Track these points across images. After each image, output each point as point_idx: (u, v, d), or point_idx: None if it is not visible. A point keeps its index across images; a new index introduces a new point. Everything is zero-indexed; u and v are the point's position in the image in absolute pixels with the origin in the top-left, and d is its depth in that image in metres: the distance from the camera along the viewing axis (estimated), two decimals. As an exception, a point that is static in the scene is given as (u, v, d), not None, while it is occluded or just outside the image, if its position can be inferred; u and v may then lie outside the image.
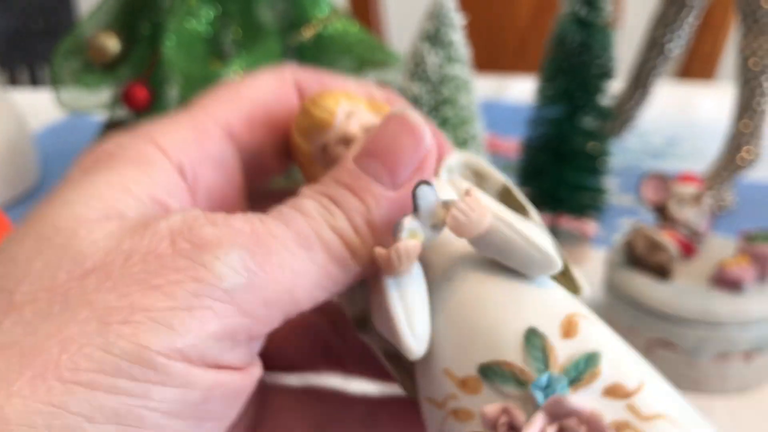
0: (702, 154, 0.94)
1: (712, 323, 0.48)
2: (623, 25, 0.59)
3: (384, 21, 1.44)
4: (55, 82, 0.63)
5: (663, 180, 0.54)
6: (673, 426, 0.19)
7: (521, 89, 1.20)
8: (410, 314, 0.21)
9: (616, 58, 0.63)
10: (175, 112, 0.26)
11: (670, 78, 1.10)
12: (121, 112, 0.68)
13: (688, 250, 0.52)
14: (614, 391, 0.20)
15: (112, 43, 0.60)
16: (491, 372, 0.20)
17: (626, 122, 0.88)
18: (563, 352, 0.21)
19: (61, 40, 0.63)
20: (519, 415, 0.19)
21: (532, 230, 0.22)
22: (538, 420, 0.19)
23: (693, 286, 0.49)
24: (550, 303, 0.22)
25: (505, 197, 0.27)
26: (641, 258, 0.51)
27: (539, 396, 0.19)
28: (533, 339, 0.21)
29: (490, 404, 0.20)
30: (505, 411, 0.20)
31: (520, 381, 0.20)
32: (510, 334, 0.21)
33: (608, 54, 0.61)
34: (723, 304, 0.48)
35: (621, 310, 0.51)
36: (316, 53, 0.65)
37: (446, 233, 0.21)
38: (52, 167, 0.88)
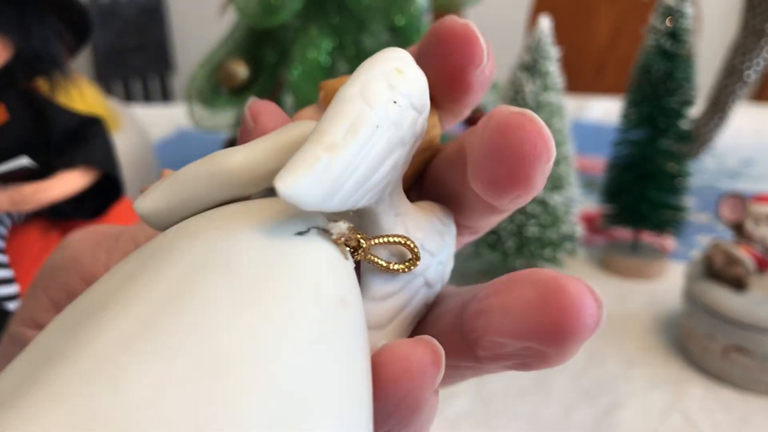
0: (777, 175, 0.98)
1: (786, 332, 0.53)
2: (699, 51, 0.64)
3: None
4: (189, 102, 0.71)
5: (740, 200, 0.59)
6: None
7: (600, 109, 1.25)
8: None
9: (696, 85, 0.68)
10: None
11: (745, 102, 1.14)
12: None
13: (763, 264, 0.57)
14: None
15: (241, 70, 0.69)
16: None
17: (704, 144, 0.92)
18: None
19: (198, 65, 0.71)
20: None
21: None
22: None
23: (767, 298, 0.54)
24: None
25: None
26: (719, 271, 0.56)
27: None
28: None
29: None
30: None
31: None
32: None
33: (690, 83, 0.66)
34: (797, 315, 0.53)
35: (699, 319, 0.56)
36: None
37: None
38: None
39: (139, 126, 0.92)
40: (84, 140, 0.51)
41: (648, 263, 0.71)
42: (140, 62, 2.48)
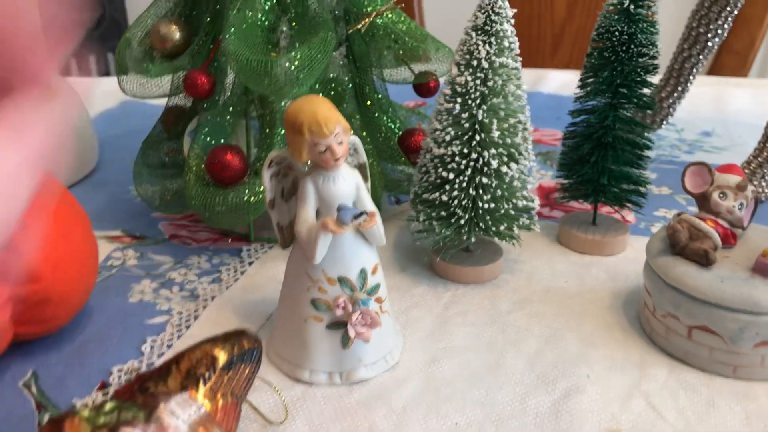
0: (736, 147, 0.95)
1: (753, 311, 0.49)
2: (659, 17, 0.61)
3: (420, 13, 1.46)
4: (119, 71, 0.65)
5: (706, 169, 0.55)
6: (390, 317, 0.53)
7: (557, 82, 1.22)
8: (324, 248, 0.48)
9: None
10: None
11: (702, 73, 1.11)
12: (180, 99, 0.70)
13: (730, 238, 0.54)
14: (378, 300, 0.51)
15: (173, 32, 0.63)
16: (342, 281, 0.50)
17: (665, 116, 0.89)
18: (370, 280, 0.51)
19: (128, 30, 0.65)
20: (348, 305, 0.49)
21: (381, 226, 0.50)
22: (356, 314, 0.49)
23: (734, 275, 0.51)
24: (372, 257, 0.51)
25: (362, 169, 0.52)
26: (684, 246, 0.53)
27: (360, 302, 0.50)
28: (362, 273, 0.50)
29: (337, 294, 0.49)
30: (344, 301, 0.49)
31: (352, 289, 0.50)
32: (355, 268, 0.50)
33: (654, 47, 0.62)
34: (764, 293, 0.50)
35: (662, 297, 0.53)
36: (367, 43, 0.67)
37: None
38: (109, 151, 0.91)
39: (78, 100, 0.85)
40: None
41: (607, 238, 0.68)
42: (95, 38, 2.38)
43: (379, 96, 0.70)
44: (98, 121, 1.03)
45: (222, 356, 0.38)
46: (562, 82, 1.20)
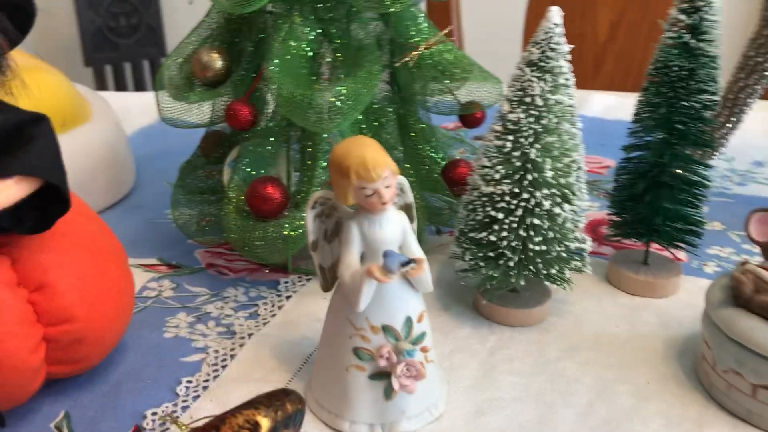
0: (792, 179, 0.92)
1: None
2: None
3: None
4: (158, 94, 0.64)
5: (771, 216, 0.52)
6: (435, 366, 0.50)
7: (600, 105, 1.18)
8: (368, 296, 0.46)
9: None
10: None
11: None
12: (219, 124, 0.69)
13: (797, 290, 0.51)
14: (423, 349, 0.49)
15: (216, 60, 0.61)
16: (387, 329, 0.47)
17: (717, 147, 0.86)
18: (416, 329, 0.48)
19: (167, 56, 0.64)
20: (392, 355, 0.47)
21: (429, 274, 0.48)
22: (401, 365, 0.46)
23: (802, 329, 0.48)
24: (418, 304, 0.49)
25: (408, 209, 0.51)
26: (748, 299, 0.50)
27: (405, 352, 0.47)
28: (407, 322, 0.48)
29: (381, 344, 0.47)
30: (388, 351, 0.47)
31: (396, 338, 0.47)
32: (400, 316, 0.47)
33: (715, 83, 0.59)
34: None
35: (724, 351, 0.50)
36: (412, 73, 0.65)
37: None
38: (145, 172, 0.90)
39: (112, 115, 0.85)
40: (23, 143, 0.44)
41: (659, 280, 0.65)
42: (131, 46, 2.39)
43: (423, 126, 0.68)
44: (135, 138, 1.02)
45: (265, 423, 0.36)
46: (606, 106, 1.17)
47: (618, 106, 1.16)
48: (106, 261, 0.51)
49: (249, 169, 0.62)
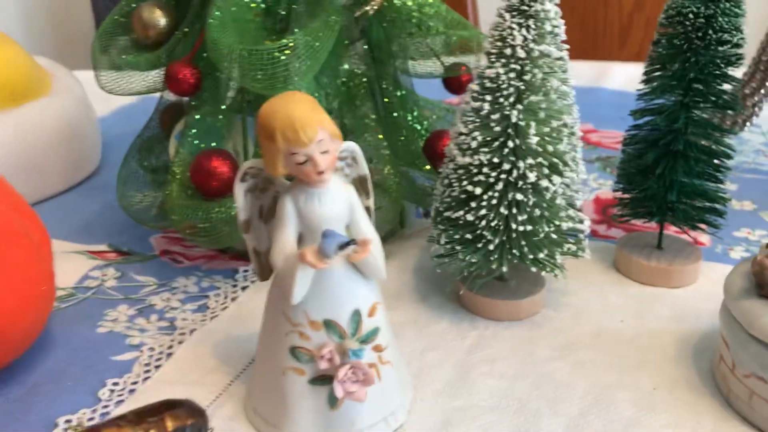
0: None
1: None
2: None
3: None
4: (95, 63, 0.56)
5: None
6: (394, 368, 0.42)
7: (623, 76, 1.09)
8: (303, 285, 0.38)
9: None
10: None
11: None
12: (174, 96, 0.61)
13: (837, 278, 0.41)
14: (376, 348, 0.40)
15: (157, 18, 0.54)
16: (329, 325, 0.39)
17: (749, 116, 0.76)
18: (366, 324, 0.40)
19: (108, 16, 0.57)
20: (335, 356, 0.39)
21: (381, 257, 0.40)
22: (345, 368, 0.39)
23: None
24: (369, 294, 0.40)
25: (362, 182, 0.42)
26: (775, 287, 0.41)
27: (350, 352, 0.39)
28: (355, 316, 0.40)
29: (322, 342, 0.39)
30: (330, 351, 0.39)
31: (341, 336, 0.39)
32: (345, 309, 0.39)
33: (739, 33, 0.50)
34: None
35: (745, 352, 0.41)
36: (386, 29, 0.56)
37: None
38: (117, 150, 0.83)
39: (78, 91, 0.78)
40: None
41: (675, 266, 0.55)
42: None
43: (402, 92, 0.59)
44: (111, 118, 0.95)
45: (132, 444, 0.28)
46: (629, 77, 1.07)
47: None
48: (9, 245, 0.43)
49: (197, 142, 0.54)
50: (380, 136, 0.56)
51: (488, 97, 0.46)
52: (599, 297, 0.55)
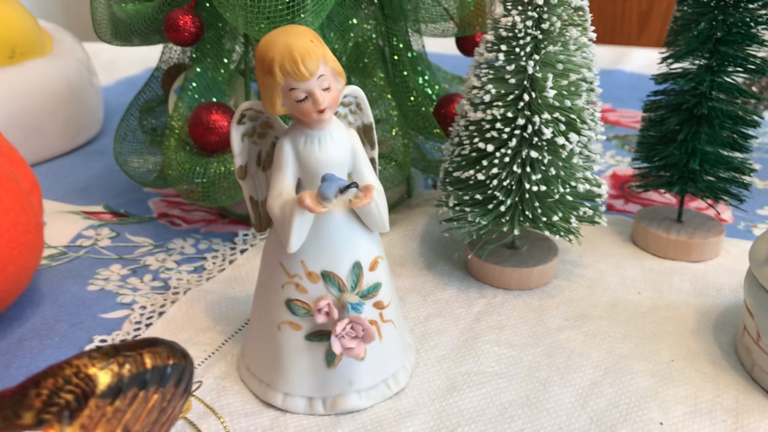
0: None
1: None
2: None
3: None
4: (93, 11, 0.54)
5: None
6: (396, 329, 0.40)
7: (642, 60, 1.06)
8: (301, 232, 0.36)
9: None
10: None
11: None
12: (178, 54, 0.59)
13: None
14: (377, 304, 0.38)
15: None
16: (327, 277, 0.37)
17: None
18: (366, 278, 0.38)
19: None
20: (333, 310, 0.37)
21: (385, 207, 0.38)
22: (344, 323, 0.36)
23: None
24: (370, 247, 0.38)
25: (367, 131, 0.40)
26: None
27: (350, 306, 0.36)
28: (356, 268, 0.38)
29: (320, 295, 0.37)
30: (327, 304, 0.36)
31: (340, 288, 0.37)
32: (345, 261, 0.37)
33: (771, -13, 0.47)
34: None
35: (773, 319, 0.38)
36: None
37: None
38: (116, 119, 0.81)
39: (79, 53, 0.76)
40: None
41: (695, 239, 0.53)
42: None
43: (414, 54, 0.57)
44: (116, 87, 0.93)
45: (103, 378, 0.25)
46: (648, 61, 1.04)
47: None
48: (-5, 188, 0.41)
49: (197, 96, 0.52)
50: (389, 96, 0.53)
51: (503, 47, 0.43)
52: (615, 269, 0.52)
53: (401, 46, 0.55)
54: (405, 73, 0.55)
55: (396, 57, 0.55)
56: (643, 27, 1.26)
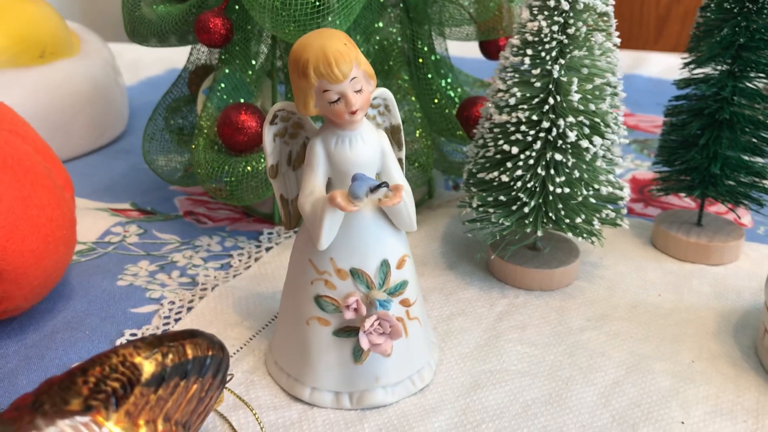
0: None
1: None
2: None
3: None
4: (125, 10, 0.55)
5: None
6: (421, 326, 0.40)
7: (660, 65, 1.06)
8: (332, 230, 0.37)
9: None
10: None
11: None
12: (205, 55, 0.60)
13: None
14: (404, 302, 0.39)
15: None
16: (356, 274, 0.38)
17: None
18: (393, 276, 0.39)
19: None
20: (362, 306, 0.37)
21: (413, 206, 0.39)
22: (372, 319, 0.37)
23: None
24: (398, 245, 0.39)
25: (395, 132, 0.41)
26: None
27: (377, 303, 0.37)
28: (383, 266, 0.38)
29: (349, 291, 0.38)
30: (356, 301, 0.37)
31: (368, 286, 0.38)
32: (374, 259, 0.38)
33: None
34: None
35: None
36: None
37: None
38: (142, 118, 0.83)
39: (105, 54, 0.77)
40: None
41: (715, 243, 0.53)
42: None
43: (437, 57, 0.58)
44: (139, 87, 0.94)
45: (147, 367, 0.26)
46: (666, 66, 1.04)
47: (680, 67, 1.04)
48: (33, 185, 0.42)
49: (225, 97, 0.53)
50: (413, 98, 0.54)
51: (529, 52, 0.44)
52: (635, 271, 0.53)
53: (426, 49, 0.56)
54: (429, 75, 0.56)
55: (420, 60, 0.56)
56: (660, 32, 1.26)
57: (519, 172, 0.45)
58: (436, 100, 0.56)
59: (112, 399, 0.25)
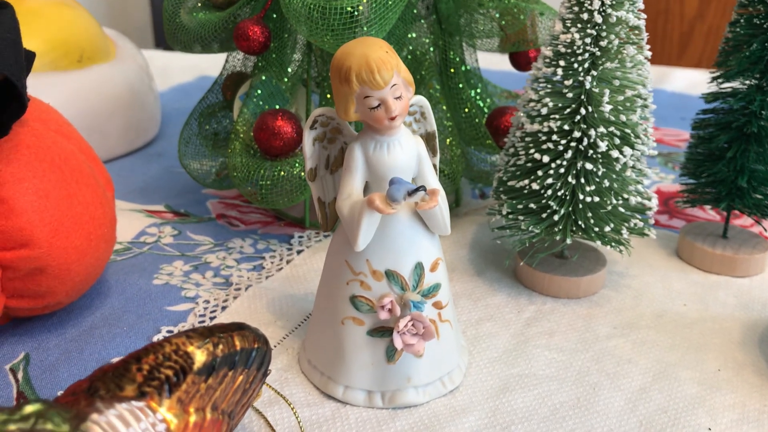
0: None
1: None
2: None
3: None
4: (166, 19, 0.57)
5: None
6: (452, 329, 0.41)
7: (684, 80, 1.07)
8: (369, 232, 0.38)
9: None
10: None
11: None
12: (240, 63, 0.62)
13: None
14: (437, 304, 0.40)
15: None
16: (391, 275, 0.39)
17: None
18: (427, 278, 0.40)
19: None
20: (396, 307, 0.38)
21: (447, 211, 0.39)
22: (406, 320, 0.38)
23: None
24: (432, 249, 0.40)
25: (430, 139, 0.42)
26: None
27: (412, 304, 0.38)
28: (417, 269, 0.39)
29: (383, 292, 0.39)
30: (390, 302, 0.38)
31: (403, 287, 0.39)
32: (408, 261, 0.39)
33: (824, 11, 0.48)
34: None
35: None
36: (457, 2, 0.56)
37: None
38: (174, 123, 0.84)
39: (139, 60, 0.79)
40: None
41: (741, 255, 0.54)
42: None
43: (467, 67, 0.59)
44: (170, 93, 0.96)
45: (199, 356, 0.27)
46: (690, 82, 1.05)
47: (704, 82, 1.05)
48: (78, 183, 0.44)
49: (261, 103, 0.54)
50: (444, 107, 0.55)
51: (562, 63, 0.45)
52: (661, 281, 0.53)
53: (457, 59, 0.57)
54: (460, 85, 0.57)
55: (452, 70, 0.57)
56: (684, 48, 1.26)
57: (549, 181, 0.46)
58: (466, 110, 0.57)
59: (165, 386, 0.26)
